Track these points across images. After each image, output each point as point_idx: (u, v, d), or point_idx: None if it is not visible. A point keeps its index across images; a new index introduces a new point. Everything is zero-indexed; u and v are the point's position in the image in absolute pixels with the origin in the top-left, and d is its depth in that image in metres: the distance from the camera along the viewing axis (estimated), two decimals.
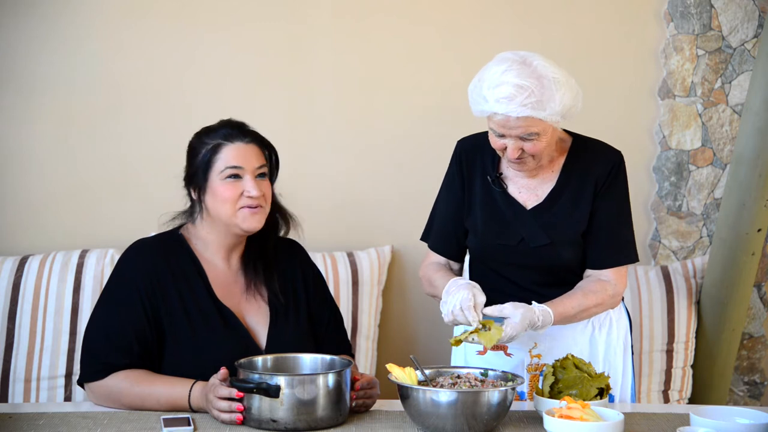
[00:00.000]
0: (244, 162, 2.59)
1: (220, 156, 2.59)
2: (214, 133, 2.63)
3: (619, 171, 2.73)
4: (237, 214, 2.60)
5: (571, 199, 2.70)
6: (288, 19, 3.70)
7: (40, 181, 3.66)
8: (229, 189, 2.59)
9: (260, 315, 2.65)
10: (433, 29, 3.74)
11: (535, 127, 2.55)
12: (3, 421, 2.41)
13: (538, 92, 2.51)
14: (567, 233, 2.70)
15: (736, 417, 2.37)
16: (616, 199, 2.72)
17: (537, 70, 2.53)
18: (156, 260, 2.61)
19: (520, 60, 2.55)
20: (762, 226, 3.50)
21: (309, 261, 2.81)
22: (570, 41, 3.76)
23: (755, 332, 3.88)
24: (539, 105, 2.51)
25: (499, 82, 2.52)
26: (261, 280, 2.68)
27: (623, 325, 2.82)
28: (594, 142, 2.78)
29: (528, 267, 2.72)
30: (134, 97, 3.67)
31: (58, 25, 3.63)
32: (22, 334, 3.42)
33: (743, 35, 3.77)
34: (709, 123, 3.80)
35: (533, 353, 2.73)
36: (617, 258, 2.72)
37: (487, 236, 2.74)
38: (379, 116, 3.76)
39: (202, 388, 2.45)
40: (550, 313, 2.58)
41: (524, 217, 2.71)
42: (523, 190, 2.73)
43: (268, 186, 2.65)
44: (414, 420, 2.36)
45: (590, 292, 2.67)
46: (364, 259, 3.64)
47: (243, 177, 2.59)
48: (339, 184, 3.76)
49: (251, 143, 2.62)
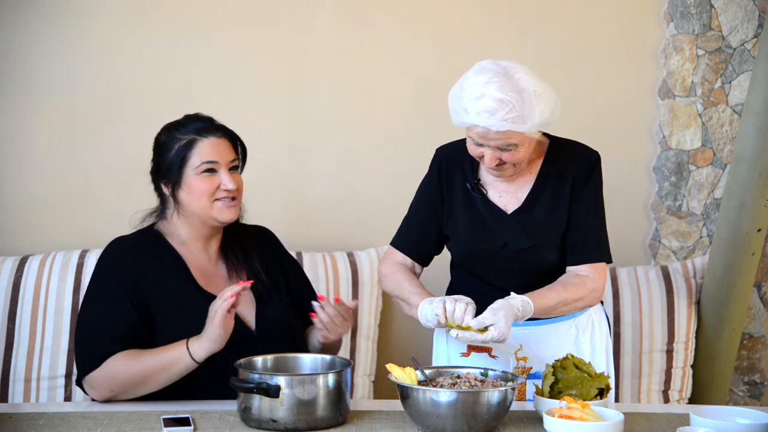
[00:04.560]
0: (218, 156, 2.65)
1: (194, 151, 2.64)
2: (184, 128, 2.68)
3: (595, 170, 2.74)
4: (213, 207, 2.65)
5: (550, 201, 2.72)
6: (287, 22, 3.70)
7: (40, 181, 3.66)
8: (205, 183, 2.64)
9: (246, 299, 2.68)
10: (432, 31, 3.74)
11: (514, 139, 2.56)
12: (3, 421, 2.41)
13: (519, 107, 2.51)
14: (548, 235, 2.71)
15: (736, 417, 2.37)
16: (591, 197, 2.73)
17: (518, 84, 2.52)
18: (137, 255, 2.65)
19: (501, 72, 2.55)
20: (762, 226, 3.50)
21: (280, 244, 2.88)
22: (570, 41, 3.77)
23: (755, 332, 3.88)
24: (520, 120, 2.52)
25: (480, 95, 2.52)
26: (242, 266, 2.74)
27: (604, 328, 2.84)
28: (571, 144, 2.79)
29: (511, 271, 2.73)
30: (134, 98, 3.67)
31: (59, 25, 3.63)
32: (22, 334, 3.42)
33: (743, 35, 3.77)
34: (709, 123, 3.80)
35: (519, 356, 2.73)
36: (593, 254, 2.72)
37: (470, 242, 2.75)
38: (378, 117, 3.76)
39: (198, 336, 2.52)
40: (530, 302, 2.58)
41: (505, 221, 2.72)
42: (503, 195, 2.74)
43: (240, 178, 2.71)
44: (414, 420, 2.36)
45: (570, 284, 2.68)
46: (364, 259, 3.65)
47: (218, 171, 2.65)
48: (339, 184, 3.76)
49: (223, 137, 2.68)
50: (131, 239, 2.71)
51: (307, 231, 3.71)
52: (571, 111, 3.75)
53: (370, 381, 3.59)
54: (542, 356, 2.71)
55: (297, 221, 3.71)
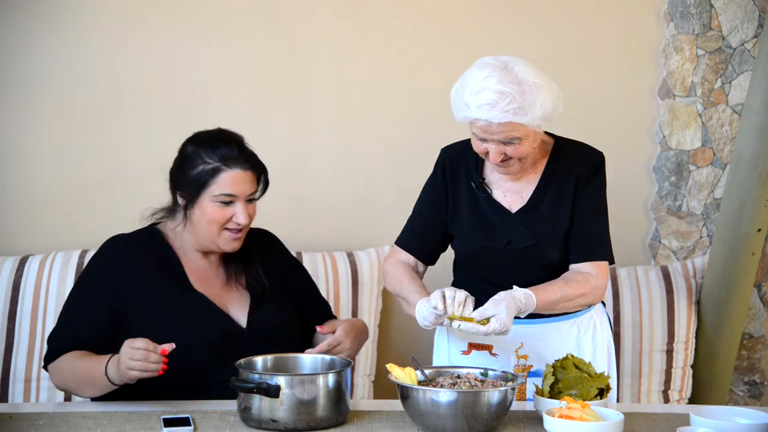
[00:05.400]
0: (238, 190, 2.61)
1: (217, 180, 2.60)
2: (212, 151, 2.61)
3: (599, 170, 2.74)
4: (220, 236, 2.64)
5: (554, 200, 2.72)
6: (288, 22, 3.70)
7: (40, 181, 3.66)
8: (218, 212, 2.62)
9: (241, 301, 2.68)
10: (432, 31, 3.74)
11: (517, 131, 2.57)
12: (3, 421, 2.41)
13: (519, 98, 2.52)
14: (551, 233, 2.71)
15: (736, 417, 2.37)
16: (594, 197, 2.73)
17: (518, 76, 2.54)
18: (128, 254, 2.65)
19: (501, 66, 2.56)
20: (762, 226, 3.50)
21: (284, 249, 2.86)
22: (570, 41, 3.76)
23: (755, 332, 3.88)
24: (521, 110, 2.53)
25: (481, 88, 2.53)
26: (241, 272, 2.72)
27: (606, 329, 2.84)
28: (576, 144, 2.79)
29: (515, 269, 2.72)
30: (135, 98, 3.67)
31: (59, 25, 3.63)
32: (22, 334, 3.42)
33: (743, 35, 3.77)
34: (709, 123, 3.80)
35: (520, 354, 2.73)
36: (596, 252, 2.72)
37: (474, 240, 2.75)
38: (379, 117, 3.76)
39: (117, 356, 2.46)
40: (532, 295, 2.57)
41: (509, 220, 2.72)
42: (508, 194, 2.75)
43: (254, 207, 2.68)
44: (414, 420, 2.36)
45: (572, 280, 2.68)
46: (364, 260, 3.64)
47: (235, 203, 2.62)
48: (339, 184, 3.76)
49: (249, 170, 2.63)
50: (127, 238, 2.71)
51: (307, 231, 3.71)
52: (571, 111, 3.75)
53: (370, 381, 3.59)
54: (543, 354, 2.71)
55: (297, 221, 3.71)
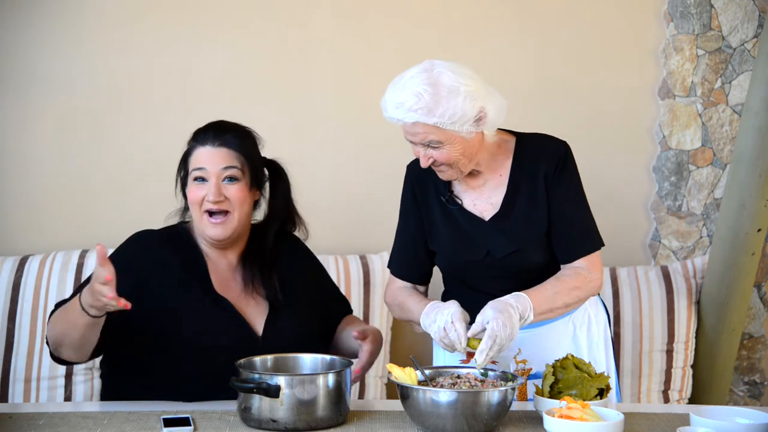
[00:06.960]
0: (208, 164, 2.56)
1: (191, 159, 2.60)
2: (195, 135, 2.64)
3: (566, 161, 2.68)
4: (203, 220, 2.59)
5: (527, 202, 2.67)
6: (288, 21, 3.70)
7: (40, 181, 3.66)
8: (194, 191, 2.59)
9: (259, 309, 2.65)
10: (432, 31, 3.74)
11: (433, 134, 2.54)
12: (3, 421, 2.41)
13: (428, 99, 2.50)
14: (530, 236, 2.67)
15: (736, 417, 2.37)
16: (569, 189, 2.68)
17: (437, 78, 2.52)
18: (152, 250, 2.63)
19: (428, 68, 2.55)
20: (762, 226, 3.50)
21: (310, 258, 2.82)
22: (570, 41, 3.76)
23: (755, 332, 3.88)
24: (427, 111, 2.50)
25: (400, 88, 2.54)
26: (258, 280, 2.67)
27: (602, 320, 2.80)
28: (537, 138, 2.73)
29: (500, 277, 2.68)
30: (135, 98, 3.67)
31: (59, 25, 3.63)
32: (22, 334, 3.42)
33: (743, 35, 3.77)
34: (709, 123, 3.80)
35: (518, 359, 2.70)
36: (583, 247, 2.68)
37: (454, 255, 2.71)
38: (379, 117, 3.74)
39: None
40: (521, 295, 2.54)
41: (485, 229, 2.68)
42: (477, 202, 2.71)
43: (239, 190, 2.59)
44: (414, 420, 2.36)
45: (564, 276, 2.65)
46: (376, 263, 3.64)
47: (208, 180, 2.57)
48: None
49: (221, 146, 2.58)
50: (154, 234, 2.69)
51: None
52: (571, 111, 3.78)
53: (382, 383, 3.57)
54: (542, 356, 2.68)
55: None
